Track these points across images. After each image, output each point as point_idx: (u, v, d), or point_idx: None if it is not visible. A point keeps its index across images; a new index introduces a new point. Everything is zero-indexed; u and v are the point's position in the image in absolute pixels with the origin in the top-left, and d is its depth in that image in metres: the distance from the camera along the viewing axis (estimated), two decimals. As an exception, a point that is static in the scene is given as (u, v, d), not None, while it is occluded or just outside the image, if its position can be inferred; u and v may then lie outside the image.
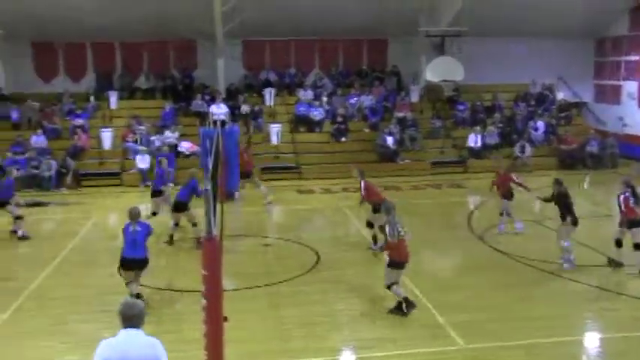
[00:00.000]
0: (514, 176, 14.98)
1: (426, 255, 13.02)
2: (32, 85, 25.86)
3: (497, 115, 25.66)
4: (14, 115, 24.14)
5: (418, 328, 9.50)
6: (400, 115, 25.07)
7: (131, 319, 5.31)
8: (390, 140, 23.66)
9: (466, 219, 16.25)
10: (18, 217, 14.99)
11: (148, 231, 10.46)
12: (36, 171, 21.41)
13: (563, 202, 12.12)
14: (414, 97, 26.58)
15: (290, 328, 9.56)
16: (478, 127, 24.59)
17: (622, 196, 11.93)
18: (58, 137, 23.63)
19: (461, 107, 26.10)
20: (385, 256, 10.15)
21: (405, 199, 19.34)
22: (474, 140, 24.13)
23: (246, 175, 17.76)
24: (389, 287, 9.94)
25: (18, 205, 15.47)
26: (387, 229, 9.94)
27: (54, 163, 21.58)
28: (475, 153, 23.93)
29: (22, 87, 25.68)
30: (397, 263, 9.92)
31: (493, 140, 24.39)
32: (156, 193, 15.74)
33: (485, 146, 24.11)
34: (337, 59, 27.73)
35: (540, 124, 25.23)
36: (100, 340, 5.45)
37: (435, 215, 17.58)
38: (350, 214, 16.68)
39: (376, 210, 12.92)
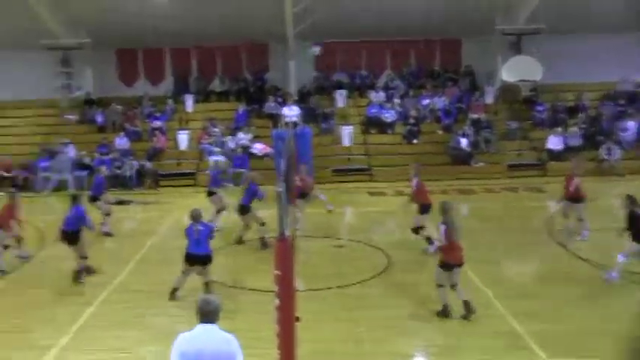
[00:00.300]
0: (578, 180, 14.35)
1: (502, 261, 12.82)
2: (116, 90, 27.02)
3: (581, 116, 24.78)
4: (100, 118, 25.22)
5: (493, 335, 9.24)
6: (474, 116, 24.71)
7: (207, 314, 5.54)
8: (463, 142, 23.35)
9: (545, 224, 15.75)
10: (107, 214, 15.77)
11: (209, 230, 10.97)
12: (119, 171, 22.32)
13: (634, 226, 11.04)
14: (489, 98, 26.14)
15: (361, 330, 9.59)
16: (559, 129, 23.87)
17: None
18: (139, 139, 24.55)
19: (539, 108, 25.42)
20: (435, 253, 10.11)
21: (480, 202, 19.09)
22: (554, 142, 23.40)
23: (304, 195, 17.13)
24: (438, 287, 9.94)
25: (108, 202, 16.22)
26: (441, 228, 9.86)
27: (135, 164, 22.43)
28: (555, 155, 23.10)
29: (107, 91, 26.89)
30: (447, 265, 9.83)
31: (576, 142, 23.54)
32: (210, 194, 16.28)
33: (566, 148, 23.28)
34: (409, 60, 27.60)
35: (631, 124, 24.06)
36: (174, 333, 5.71)
37: (512, 220, 17.02)
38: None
39: (423, 212, 13.09)
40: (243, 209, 14.23)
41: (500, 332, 9.34)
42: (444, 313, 9.84)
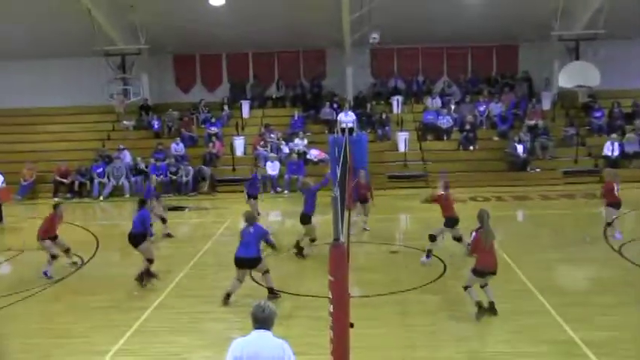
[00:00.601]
0: (616, 185, 14.30)
1: (558, 268, 12.51)
2: (173, 96, 27.51)
3: (638, 122, 24.14)
4: (156, 124, 25.62)
5: (549, 343, 9.03)
6: (531, 122, 24.24)
7: (262, 320, 5.51)
8: (520, 148, 22.93)
9: (602, 231, 15.37)
10: (163, 220, 16.20)
11: (260, 233, 11.00)
12: (174, 177, 22.58)
13: None
14: (546, 104, 25.72)
15: (416, 336, 9.42)
16: (615, 135, 23.28)
17: None
18: (195, 145, 24.82)
19: (597, 114, 24.84)
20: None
21: (536, 209, 18.78)
22: (610, 148, 22.81)
23: (363, 200, 16.67)
24: (465, 288, 9.95)
25: (153, 209, 16.43)
26: (473, 235, 9.92)
27: (191, 170, 22.67)
28: (612, 162, 22.48)
29: (164, 97, 27.42)
30: (480, 271, 9.86)
31: (633, 148, 22.99)
32: (250, 196, 16.70)
33: (623, 155, 22.76)
34: (466, 66, 27.30)
35: (689, 130, 23.29)
36: (229, 338, 5.64)
37: (568, 226, 16.72)
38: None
39: (447, 225, 13.00)
40: (305, 218, 13.96)
41: (555, 340, 9.15)
42: (481, 312, 9.84)
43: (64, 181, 22.94)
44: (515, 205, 19.58)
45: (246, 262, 10.87)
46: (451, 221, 13.15)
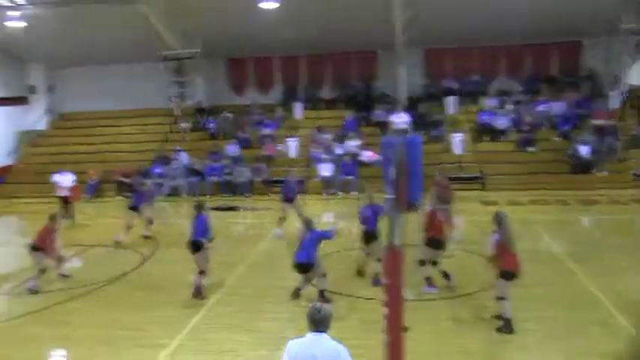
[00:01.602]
0: None
1: (628, 277, 12.06)
2: (227, 98, 27.90)
3: None
4: (212, 126, 26.03)
5: (616, 354, 8.50)
6: (597, 122, 23.44)
7: (318, 322, 5.49)
8: (584, 150, 22.30)
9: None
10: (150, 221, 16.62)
11: (315, 237, 11.01)
12: (229, 177, 22.88)
13: None
14: (614, 103, 24.75)
15: (472, 343, 9.27)
16: (688, 135, 22.28)
17: None
18: (249, 146, 25.10)
19: (671, 113, 23.76)
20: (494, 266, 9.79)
21: (604, 214, 18.15)
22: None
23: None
24: (500, 299, 9.64)
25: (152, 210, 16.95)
26: (493, 237, 9.66)
27: (246, 171, 22.93)
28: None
29: (218, 100, 27.85)
30: (509, 273, 9.58)
31: None
32: (287, 200, 16.71)
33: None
34: (524, 64, 26.69)
35: None
36: (284, 337, 5.69)
37: (638, 232, 16.08)
38: (538, 227, 16.01)
39: (431, 245, 11.60)
40: (370, 236, 12.37)
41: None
42: (507, 328, 9.51)
43: (126, 181, 23.54)
44: (581, 210, 18.98)
45: (300, 266, 10.99)
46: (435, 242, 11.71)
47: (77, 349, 9.58)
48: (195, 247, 11.67)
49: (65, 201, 19.23)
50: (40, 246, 12.55)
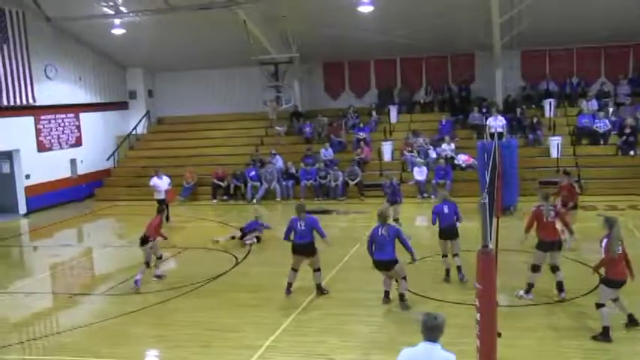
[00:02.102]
0: None
1: None
2: (322, 102, 28.26)
3: None
4: (307, 129, 26.40)
5: None
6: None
7: (431, 329, 5.32)
8: (688, 154, 21.16)
9: None
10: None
11: (394, 233, 10.93)
12: (324, 181, 23.12)
13: None
14: None
15: (567, 351, 9.02)
16: None
17: None
18: (344, 150, 25.28)
19: None
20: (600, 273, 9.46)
21: None
22: None
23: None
24: (599, 306, 9.30)
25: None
26: (603, 242, 9.31)
27: (340, 174, 23.11)
28: None
29: (314, 104, 28.24)
30: (613, 281, 9.26)
31: None
32: (393, 202, 16.70)
33: None
34: (627, 65, 25.58)
35: None
36: (373, 342, 5.72)
37: None
38: (638, 234, 15.33)
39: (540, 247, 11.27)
40: (449, 232, 12.85)
41: None
42: (605, 337, 9.19)
43: (221, 184, 24.20)
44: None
45: (382, 264, 10.95)
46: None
47: (172, 349, 9.95)
48: (309, 250, 11.86)
49: (162, 203, 19.93)
50: (150, 238, 13.32)
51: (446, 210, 12.84)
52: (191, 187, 24.64)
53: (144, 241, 13.31)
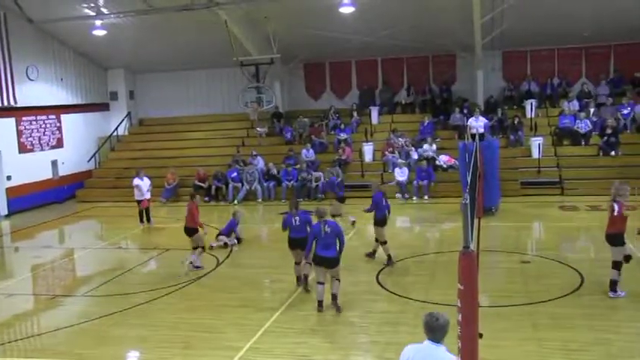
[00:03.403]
0: None
1: None
2: (303, 103, 28.25)
3: None
4: (288, 131, 26.36)
5: None
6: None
7: (434, 329, 5.26)
8: (670, 154, 21.34)
9: None
10: None
11: (337, 231, 11.02)
12: (305, 182, 23.09)
13: None
14: None
15: (548, 352, 9.03)
16: None
17: None
18: (325, 151, 25.26)
19: None
20: None
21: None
22: None
23: None
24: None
25: None
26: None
27: (321, 175, 23.09)
28: None
29: (295, 105, 28.25)
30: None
31: None
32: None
33: None
34: (608, 66, 25.80)
35: None
36: (355, 343, 5.70)
37: None
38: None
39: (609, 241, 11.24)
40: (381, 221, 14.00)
41: None
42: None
43: (203, 185, 24.08)
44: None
45: (326, 261, 10.91)
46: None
47: (154, 350, 9.88)
48: (298, 245, 12.11)
49: (143, 205, 19.88)
50: (192, 227, 14.04)
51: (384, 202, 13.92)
52: (172, 188, 24.50)
53: (189, 231, 14.10)
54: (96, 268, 15.61)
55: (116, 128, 29.24)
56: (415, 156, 23.51)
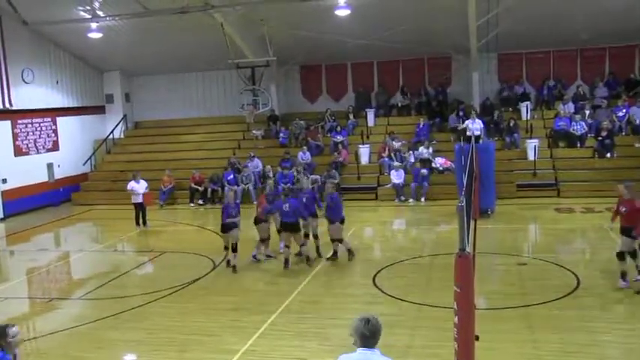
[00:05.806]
0: None
1: None
2: (299, 106, 28.22)
3: None
4: (283, 133, 26.35)
5: None
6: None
7: (368, 337, 4.88)
8: (665, 157, 21.35)
9: None
10: None
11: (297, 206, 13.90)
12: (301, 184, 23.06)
13: None
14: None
15: (545, 354, 9.04)
16: None
17: None
18: (321, 153, 25.26)
19: None
20: None
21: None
22: None
23: None
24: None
25: None
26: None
27: (318, 178, 23.07)
28: None
29: (291, 107, 28.21)
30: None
31: None
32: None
33: None
34: (603, 68, 25.87)
35: None
36: (352, 346, 5.65)
37: None
38: (615, 236, 15.48)
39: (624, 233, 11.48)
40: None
41: None
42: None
43: (199, 188, 24.07)
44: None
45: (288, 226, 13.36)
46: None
47: (150, 354, 9.87)
48: (294, 227, 13.94)
49: (139, 207, 19.88)
50: (262, 219, 14.75)
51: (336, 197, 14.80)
52: (169, 190, 24.46)
53: (256, 221, 14.86)
54: (92, 271, 15.58)
55: (112, 131, 29.16)
56: (411, 159, 23.52)
